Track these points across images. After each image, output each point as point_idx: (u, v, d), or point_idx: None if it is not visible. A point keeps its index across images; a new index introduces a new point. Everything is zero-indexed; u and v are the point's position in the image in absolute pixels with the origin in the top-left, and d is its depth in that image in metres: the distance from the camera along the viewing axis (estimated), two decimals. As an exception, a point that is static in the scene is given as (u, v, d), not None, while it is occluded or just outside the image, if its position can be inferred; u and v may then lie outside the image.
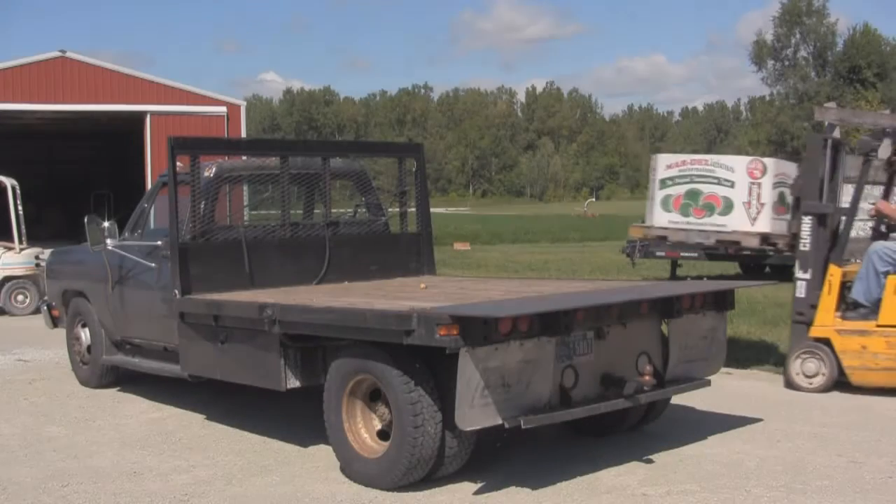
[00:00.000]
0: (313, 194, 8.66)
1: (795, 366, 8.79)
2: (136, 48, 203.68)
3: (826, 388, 8.64)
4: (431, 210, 9.31)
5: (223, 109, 27.70)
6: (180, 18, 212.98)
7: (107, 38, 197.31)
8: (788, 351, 9.03)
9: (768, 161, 9.24)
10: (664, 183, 9.18)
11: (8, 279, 16.07)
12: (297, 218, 8.56)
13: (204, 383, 7.86)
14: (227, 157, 8.75)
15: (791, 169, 9.50)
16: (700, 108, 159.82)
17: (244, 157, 8.79)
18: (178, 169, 7.78)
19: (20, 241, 16.30)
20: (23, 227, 16.37)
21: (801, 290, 8.90)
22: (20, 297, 16.11)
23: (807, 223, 8.78)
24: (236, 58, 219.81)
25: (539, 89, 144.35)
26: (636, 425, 7.14)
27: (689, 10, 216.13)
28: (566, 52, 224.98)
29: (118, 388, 9.46)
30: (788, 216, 9.30)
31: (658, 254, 16.90)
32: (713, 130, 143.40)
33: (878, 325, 8.43)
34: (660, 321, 6.66)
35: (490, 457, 6.44)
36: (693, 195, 8.98)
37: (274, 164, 8.25)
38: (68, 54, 26.87)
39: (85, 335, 9.54)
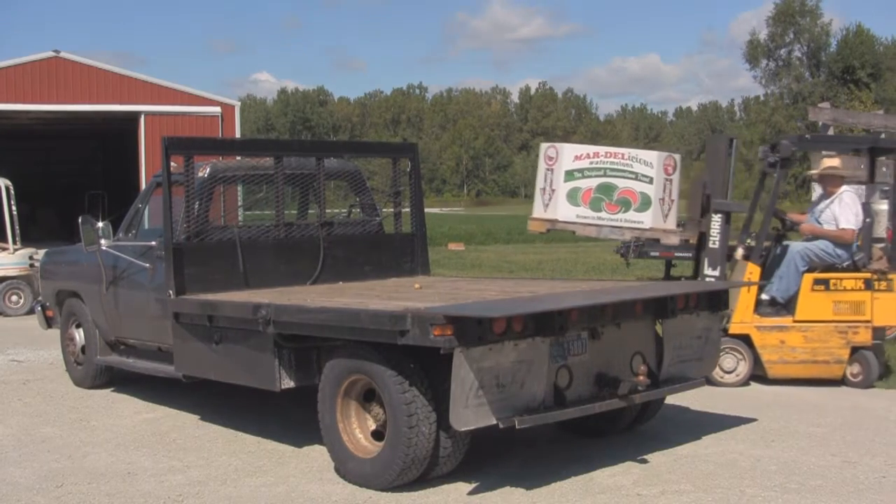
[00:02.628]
0: (308, 195, 8.66)
1: None
2: (127, 48, 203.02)
3: (743, 383, 8.94)
4: (426, 210, 9.31)
5: (217, 109, 27.66)
6: (172, 18, 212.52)
7: (99, 38, 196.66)
8: None
9: (677, 156, 9.14)
10: (571, 175, 8.64)
11: (2, 279, 16.05)
12: (291, 218, 8.56)
13: (198, 384, 7.85)
14: (221, 158, 8.74)
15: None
16: (694, 107, 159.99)
17: (238, 158, 8.78)
18: (172, 169, 7.78)
19: (14, 242, 16.28)
20: (17, 227, 16.34)
21: None
22: (14, 298, 16.09)
23: (716, 221, 8.87)
24: (229, 58, 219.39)
25: (533, 89, 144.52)
26: (630, 425, 7.15)
27: (683, 10, 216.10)
28: (560, 53, 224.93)
29: (112, 388, 9.45)
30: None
31: (652, 254, 16.88)
32: (707, 130, 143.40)
33: (795, 321, 8.86)
34: (654, 321, 6.66)
35: (485, 457, 6.45)
36: (606, 189, 8.52)
37: (268, 164, 8.25)
38: (62, 54, 26.81)
39: (79, 336, 9.53)
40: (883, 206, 9.84)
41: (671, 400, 7.73)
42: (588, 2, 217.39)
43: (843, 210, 9.09)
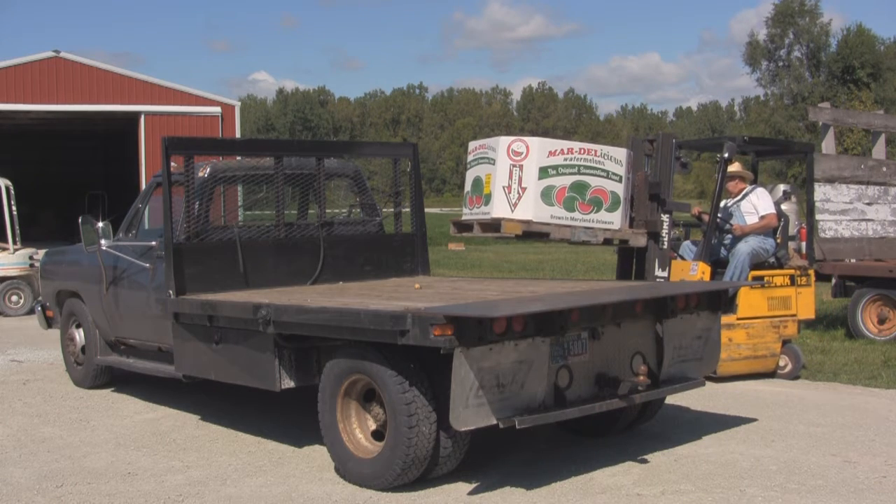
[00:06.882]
0: (308, 195, 8.66)
1: None
2: (127, 48, 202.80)
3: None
4: (426, 210, 9.31)
5: (217, 109, 27.68)
6: (171, 18, 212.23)
7: (99, 38, 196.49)
8: None
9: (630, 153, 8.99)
10: (546, 172, 7.87)
11: (2, 279, 16.06)
12: (291, 218, 8.57)
13: (198, 384, 7.86)
14: (221, 158, 8.74)
15: None
16: (694, 107, 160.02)
17: (238, 158, 8.79)
18: (172, 169, 7.78)
19: (14, 242, 16.30)
20: (17, 227, 16.36)
21: None
22: (14, 298, 16.11)
23: (665, 221, 8.86)
24: (227, 58, 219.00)
25: (533, 89, 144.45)
26: (631, 425, 7.15)
27: (683, 10, 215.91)
28: (560, 52, 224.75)
29: (112, 388, 9.46)
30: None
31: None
32: (707, 130, 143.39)
33: (738, 319, 9.11)
34: (654, 321, 6.66)
35: (485, 457, 6.45)
36: (580, 188, 7.89)
37: (268, 164, 8.25)
38: (62, 54, 26.83)
39: (79, 336, 9.53)
40: (785, 206, 10.38)
41: (671, 400, 7.74)
42: (587, 1, 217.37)
43: (759, 200, 9.66)
